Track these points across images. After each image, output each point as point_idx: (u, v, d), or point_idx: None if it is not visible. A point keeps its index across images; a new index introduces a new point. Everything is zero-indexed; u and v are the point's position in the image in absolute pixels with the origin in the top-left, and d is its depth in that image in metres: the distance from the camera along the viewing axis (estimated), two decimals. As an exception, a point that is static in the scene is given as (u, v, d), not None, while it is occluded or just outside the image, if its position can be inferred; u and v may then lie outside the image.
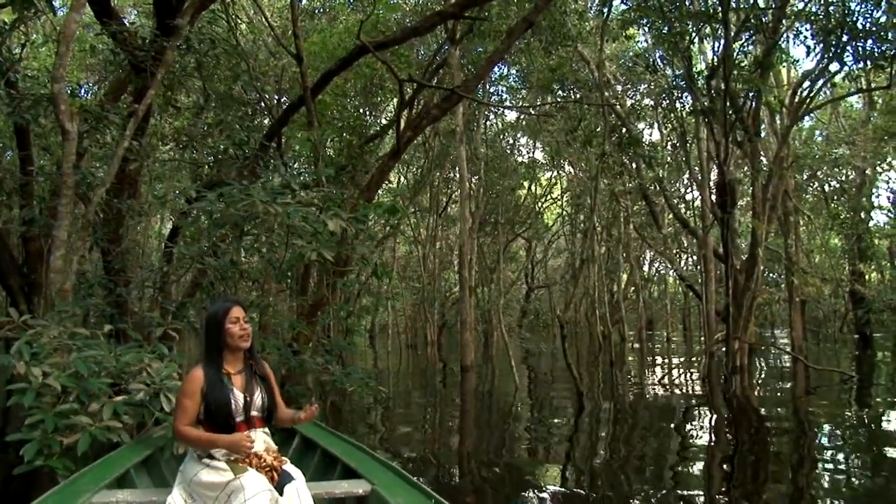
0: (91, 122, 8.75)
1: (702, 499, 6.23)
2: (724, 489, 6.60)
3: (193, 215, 8.37)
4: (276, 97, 19.23)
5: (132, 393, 4.99)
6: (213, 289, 8.30)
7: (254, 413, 3.49)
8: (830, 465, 7.32)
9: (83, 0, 7.48)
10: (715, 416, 10.99)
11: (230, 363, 3.53)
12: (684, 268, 34.14)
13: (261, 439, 3.51)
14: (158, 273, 9.03)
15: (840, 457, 7.81)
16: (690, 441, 9.16)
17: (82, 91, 16.17)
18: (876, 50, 13.85)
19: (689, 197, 29.22)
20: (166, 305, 8.29)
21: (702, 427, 10.27)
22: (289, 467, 3.48)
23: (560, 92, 21.24)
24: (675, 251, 31.78)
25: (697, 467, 7.54)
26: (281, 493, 3.27)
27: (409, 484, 3.87)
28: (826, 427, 9.82)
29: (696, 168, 21.08)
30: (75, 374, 4.83)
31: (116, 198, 8.91)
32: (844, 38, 14.02)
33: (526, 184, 31.92)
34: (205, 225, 8.01)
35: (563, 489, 6.62)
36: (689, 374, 17.85)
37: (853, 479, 6.72)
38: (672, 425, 10.30)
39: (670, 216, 26.89)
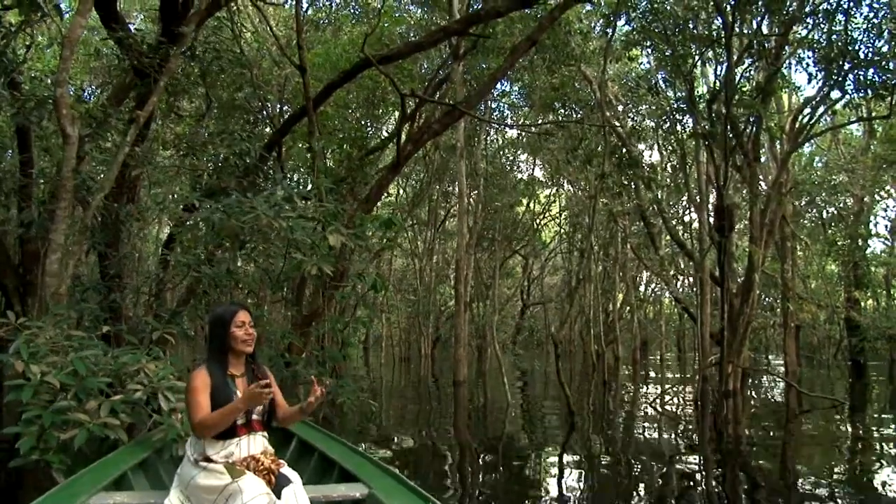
0: (93, 126, 8.75)
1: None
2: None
3: (192, 223, 8.36)
4: (279, 107, 19.27)
5: (128, 393, 4.99)
6: (207, 296, 8.28)
7: (254, 416, 3.51)
8: (815, 491, 7.30)
9: (89, 5, 7.49)
10: (704, 440, 10.96)
11: (233, 366, 3.57)
12: (680, 290, 34.10)
13: (259, 444, 3.53)
14: (154, 279, 9.01)
15: (826, 482, 7.79)
16: (679, 466, 9.12)
17: (86, 94, 16.19)
18: (877, 79, 13.92)
19: (686, 219, 29.26)
20: (161, 312, 8.26)
21: (691, 452, 10.23)
22: (286, 470, 3.49)
23: (562, 111, 21.28)
24: (671, 273, 31.77)
25: (685, 495, 7.51)
26: (278, 497, 3.28)
27: (406, 488, 3.87)
28: (814, 453, 9.80)
29: (695, 191, 21.13)
30: (73, 373, 4.85)
31: (115, 203, 8.89)
32: (846, 67, 14.10)
33: (525, 201, 31.91)
34: (202, 233, 8.01)
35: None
36: (681, 397, 17.80)
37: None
38: (661, 449, 10.25)
39: (668, 238, 26.89)
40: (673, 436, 11.43)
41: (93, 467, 4.14)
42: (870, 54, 13.89)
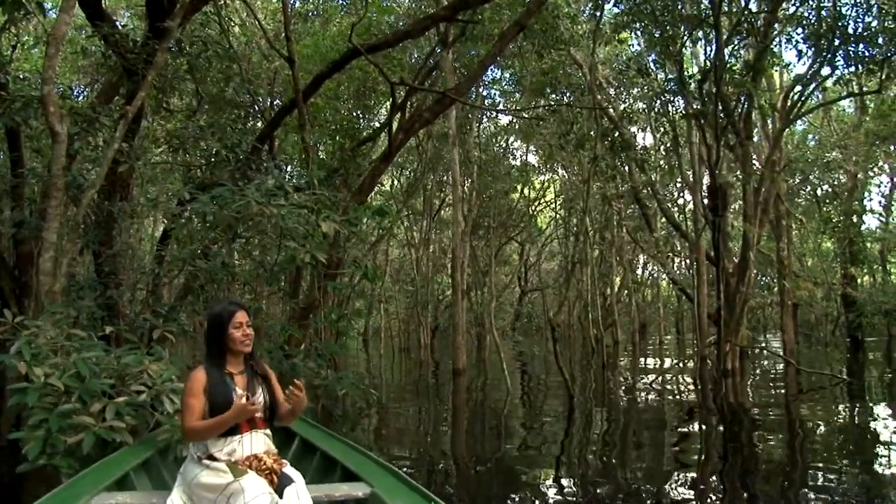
0: (82, 125, 8.71)
1: None
2: (715, 496, 6.60)
3: (185, 217, 8.33)
4: (269, 100, 19.18)
5: (132, 395, 4.98)
6: (203, 292, 8.26)
7: (257, 414, 3.51)
8: (821, 469, 7.33)
9: (73, 1, 7.44)
10: (705, 420, 11.01)
11: (232, 364, 3.57)
12: (677, 271, 34.22)
13: (261, 441, 3.53)
14: (150, 276, 8.99)
15: (830, 460, 7.83)
16: (681, 446, 9.16)
17: (75, 93, 16.10)
18: (867, 54, 13.93)
19: (681, 200, 29.28)
20: (158, 308, 8.24)
21: (692, 431, 10.27)
22: (288, 469, 3.48)
23: (553, 95, 21.24)
24: (667, 254, 31.81)
25: (688, 472, 7.54)
26: (281, 496, 3.27)
27: (408, 487, 3.87)
28: (816, 430, 9.84)
29: (689, 172, 21.14)
30: (77, 375, 4.83)
31: (108, 200, 8.86)
32: (836, 43, 14.10)
33: (519, 187, 31.92)
34: (197, 227, 7.99)
35: (554, 487, 6.62)
36: (681, 378, 17.85)
37: (844, 483, 6.73)
38: (663, 430, 10.29)
39: (662, 220, 26.93)
40: (673, 417, 11.46)
41: (95, 467, 4.14)
42: (859, 29, 13.89)
